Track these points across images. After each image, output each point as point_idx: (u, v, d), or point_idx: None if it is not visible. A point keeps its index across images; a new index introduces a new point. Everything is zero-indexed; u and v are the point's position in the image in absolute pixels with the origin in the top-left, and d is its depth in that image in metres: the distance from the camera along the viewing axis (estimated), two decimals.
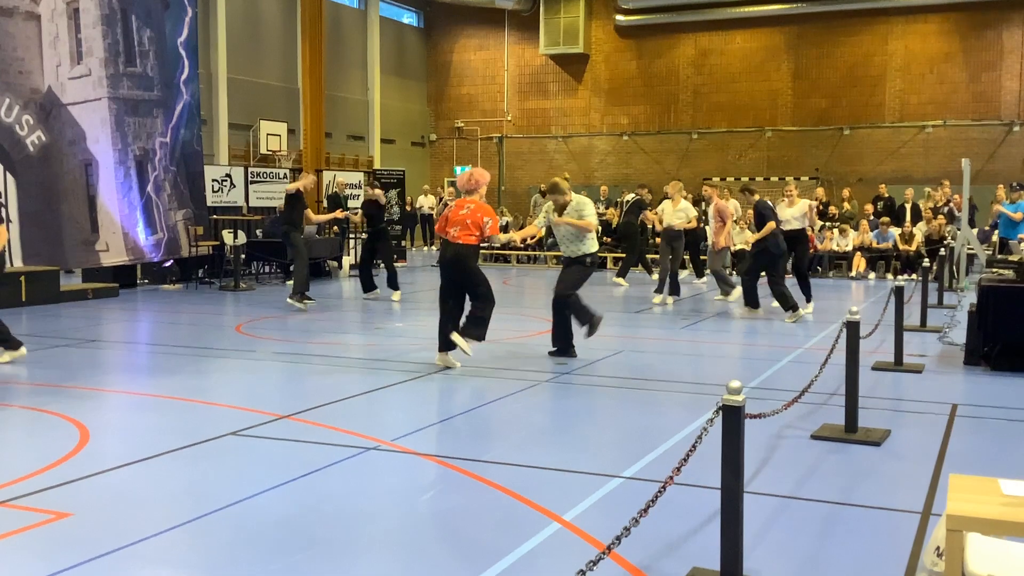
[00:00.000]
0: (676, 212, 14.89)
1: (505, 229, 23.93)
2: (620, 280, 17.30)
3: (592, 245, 9.57)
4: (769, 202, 12.86)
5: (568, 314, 9.45)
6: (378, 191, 15.27)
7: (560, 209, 9.63)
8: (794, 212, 13.04)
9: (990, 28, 25.51)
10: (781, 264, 12.58)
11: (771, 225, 12.25)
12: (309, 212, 14.31)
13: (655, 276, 16.57)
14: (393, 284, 14.73)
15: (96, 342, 10.56)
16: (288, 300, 13.47)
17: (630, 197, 18.40)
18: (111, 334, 11.38)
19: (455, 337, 8.75)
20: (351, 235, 21.01)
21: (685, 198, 15.29)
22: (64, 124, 14.81)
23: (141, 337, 11.62)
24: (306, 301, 13.45)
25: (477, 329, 8.90)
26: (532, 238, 13.60)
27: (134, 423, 6.87)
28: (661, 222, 15.17)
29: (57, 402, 7.28)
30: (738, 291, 14.11)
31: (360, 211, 15.85)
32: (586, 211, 9.52)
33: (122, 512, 4.81)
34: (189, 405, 7.28)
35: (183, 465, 5.65)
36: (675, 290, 14.66)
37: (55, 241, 14.77)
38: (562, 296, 9.44)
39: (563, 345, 9.52)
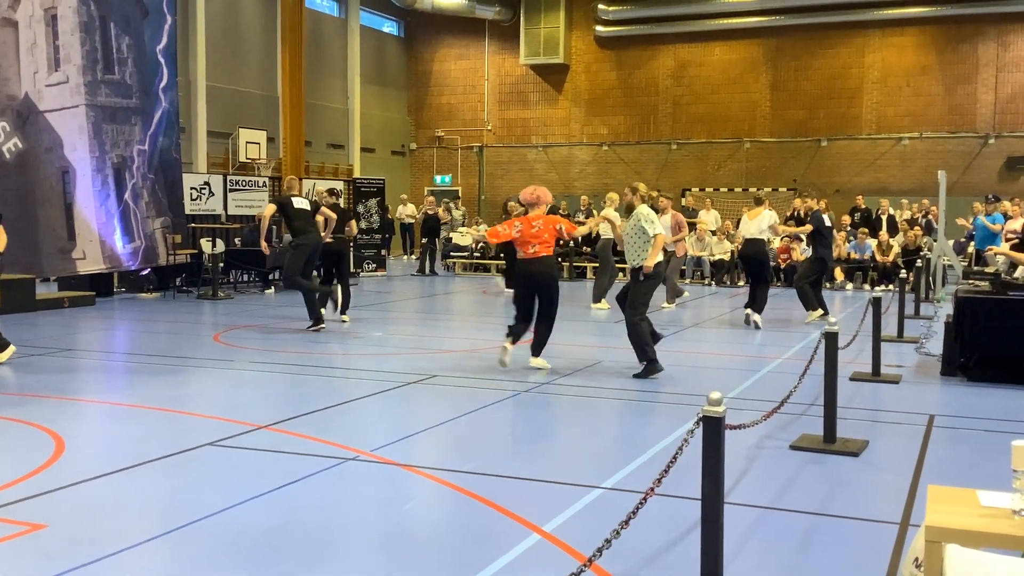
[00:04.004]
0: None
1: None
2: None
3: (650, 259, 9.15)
4: (823, 214, 13.34)
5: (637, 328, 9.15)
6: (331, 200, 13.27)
7: (627, 212, 9.50)
8: (760, 224, 13.20)
9: (965, 42, 25.80)
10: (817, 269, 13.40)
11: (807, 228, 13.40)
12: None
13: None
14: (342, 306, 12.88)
15: (72, 351, 10.46)
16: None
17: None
18: (87, 343, 11.28)
19: (535, 362, 9.29)
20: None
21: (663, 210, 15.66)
22: (41, 131, 14.70)
23: (118, 346, 11.52)
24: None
25: (541, 348, 9.42)
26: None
27: (110, 433, 6.81)
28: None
29: (32, 412, 7.20)
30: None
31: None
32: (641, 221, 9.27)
33: (98, 523, 4.76)
34: (166, 415, 7.23)
35: (160, 476, 5.60)
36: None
37: (31, 249, 14.63)
38: (627, 320, 9.26)
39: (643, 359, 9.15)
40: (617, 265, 15.79)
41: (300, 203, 12.28)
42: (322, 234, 12.36)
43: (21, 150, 14.43)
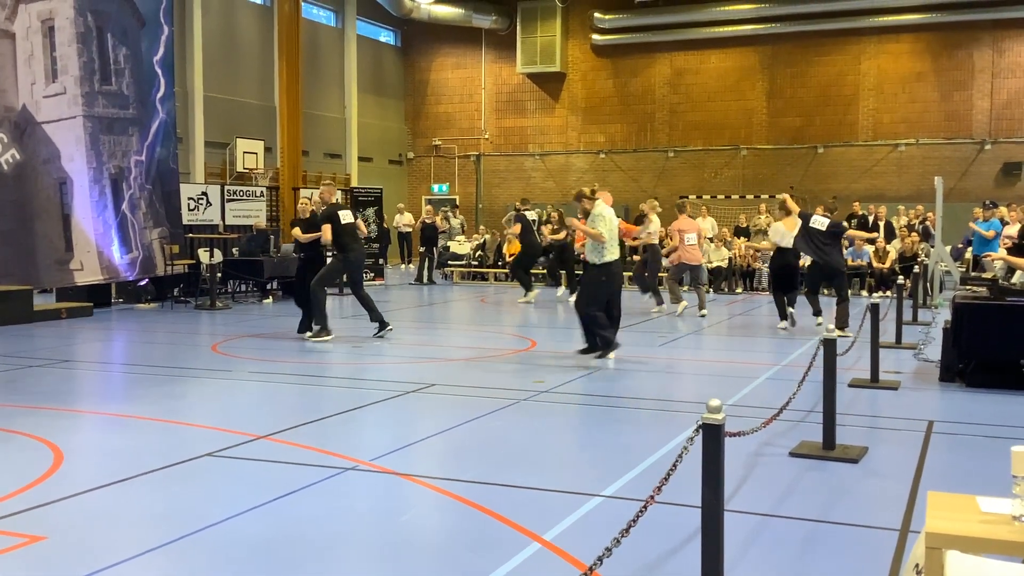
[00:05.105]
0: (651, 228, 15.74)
1: (483, 246, 23.97)
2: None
3: (607, 254, 9.87)
4: (814, 215, 13.10)
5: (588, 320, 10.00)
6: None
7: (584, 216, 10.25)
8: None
9: (961, 48, 25.87)
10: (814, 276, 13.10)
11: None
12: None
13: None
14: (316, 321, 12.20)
15: (70, 362, 10.45)
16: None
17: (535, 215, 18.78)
18: (85, 354, 11.26)
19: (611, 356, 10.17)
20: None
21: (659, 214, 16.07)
22: (39, 142, 14.71)
23: (116, 357, 11.51)
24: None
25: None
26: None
27: (108, 444, 6.79)
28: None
29: (30, 423, 7.18)
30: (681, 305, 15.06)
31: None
32: (597, 222, 9.82)
33: (97, 535, 4.75)
34: (164, 426, 7.21)
35: (158, 487, 5.59)
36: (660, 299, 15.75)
37: (28, 260, 14.63)
38: (579, 312, 10.13)
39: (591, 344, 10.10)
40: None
41: (346, 216, 12.20)
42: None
43: (19, 161, 14.43)
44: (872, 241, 18.39)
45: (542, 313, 15.75)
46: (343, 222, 12.07)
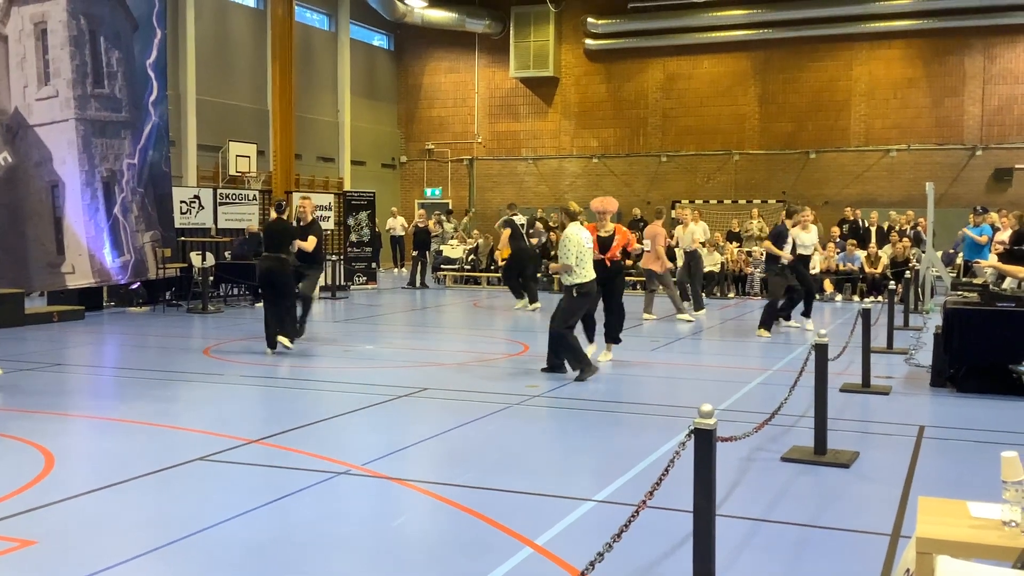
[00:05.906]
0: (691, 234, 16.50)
1: (476, 250, 23.97)
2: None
3: (577, 277, 9.58)
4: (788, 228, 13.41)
5: (561, 340, 9.70)
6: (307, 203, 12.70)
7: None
8: (812, 238, 13.73)
9: (952, 54, 25.97)
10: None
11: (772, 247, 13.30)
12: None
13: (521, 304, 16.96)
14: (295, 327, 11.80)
15: (61, 366, 10.42)
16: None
17: (524, 220, 18.60)
18: (77, 358, 11.23)
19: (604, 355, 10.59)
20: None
21: (694, 221, 16.47)
22: (31, 145, 14.66)
23: (107, 361, 11.48)
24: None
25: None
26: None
27: (100, 448, 6.78)
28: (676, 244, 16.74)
29: (21, 427, 7.16)
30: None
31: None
32: (567, 244, 9.68)
33: (88, 539, 4.74)
34: (156, 430, 7.20)
35: (150, 491, 5.58)
36: (699, 304, 15.96)
37: (20, 263, 14.56)
38: (553, 331, 9.75)
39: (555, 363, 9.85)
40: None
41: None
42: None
43: (11, 164, 14.38)
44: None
45: (535, 317, 15.75)
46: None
